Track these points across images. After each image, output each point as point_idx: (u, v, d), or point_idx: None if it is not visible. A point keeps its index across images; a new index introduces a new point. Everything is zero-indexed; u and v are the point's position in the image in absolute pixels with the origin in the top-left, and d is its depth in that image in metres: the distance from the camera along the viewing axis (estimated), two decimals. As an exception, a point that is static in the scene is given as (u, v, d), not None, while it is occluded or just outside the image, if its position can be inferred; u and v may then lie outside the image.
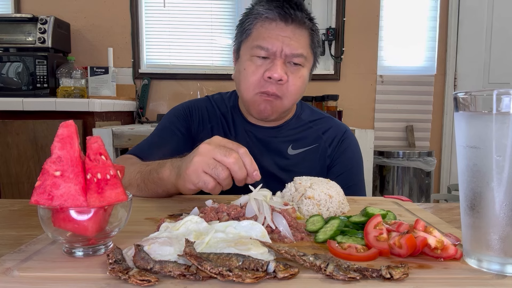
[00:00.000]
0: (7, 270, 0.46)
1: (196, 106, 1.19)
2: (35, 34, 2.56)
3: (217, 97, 1.23)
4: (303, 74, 1.04)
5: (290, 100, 1.04)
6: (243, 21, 1.07)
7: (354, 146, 1.19)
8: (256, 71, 1.01)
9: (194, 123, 1.17)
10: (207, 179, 0.70)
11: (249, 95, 1.04)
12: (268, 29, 1.01)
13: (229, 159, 0.69)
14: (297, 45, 1.00)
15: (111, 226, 0.52)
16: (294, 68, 1.02)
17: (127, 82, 3.01)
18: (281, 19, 1.00)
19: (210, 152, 0.70)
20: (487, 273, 0.47)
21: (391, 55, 3.08)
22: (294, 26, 1.00)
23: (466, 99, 0.48)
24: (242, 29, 1.07)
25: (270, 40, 0.99)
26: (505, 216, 0.45)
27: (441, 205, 0.93)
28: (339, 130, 1.18)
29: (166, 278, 0.44)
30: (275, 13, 1.00)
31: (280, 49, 0.99)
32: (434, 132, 3.15)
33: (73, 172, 0.49)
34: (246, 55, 1.04)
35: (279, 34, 1.00)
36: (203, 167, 0.70)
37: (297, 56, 1.00)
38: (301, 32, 1.02)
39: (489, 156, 0.45)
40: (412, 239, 0.50)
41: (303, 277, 0.45)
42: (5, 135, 2.21)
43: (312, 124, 1.18)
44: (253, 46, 1.02)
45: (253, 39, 1.03)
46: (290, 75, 1.01)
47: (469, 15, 3.04)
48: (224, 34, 3.05)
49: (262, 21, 1.02)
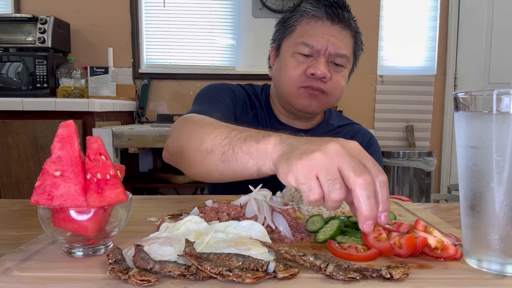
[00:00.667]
0: (7, 270, 0.46)
1: (236, 89, 1.14)
2: (35, 34, 2.56)
3: (250, 88, 1.17)
4: (344, 74, 1.04)
5: (335, 97, 1.04)
6: (287, 18, 1.06)
7: (378, 153, 1.20)
8: (298, 66, 1.00)
9: (239, 106, 1.11)
10: (314, 188, 0.50)
11: (291, 89, 1.02)
12: (314, 27, 1.00)
13: (358, 178, 0.49)
14: (342, 45, 1.00)
15: (111, 226, 0.52)
16: (337, 68, 1.02)
17: (127, 82, 3.01)
18: (328, 18, 0.99)
19: (339, 157, 0.51)
20: (487, 273, 0.47)
21: (391, 55, 3.08)
22: (340, 26, 1.00)
23: (466, 99, 0.48)
24: (286, 26, 1.06)
25: (316, 37, 0.99)
26: (505, 216, 0.45)
27: (441, 205, 0.93)
28: (365, 136, 1.19)
29: (166, 278, 0.44)
30: (323, 11, 0.99)
31: (325, 47, 0.98)
32: (434, 132, 3.15)
33: (73, 172, 0.49)
34: (289, 51, 1.03)
35: (324, 33, 0.99)
36: (319, 170, 0.50)
37: (340, 56, 1.00)
38: (346, 33, 1.01)
39: (489, 156, 0.45)
40: (412, 239, 0.50)
41: (303, 277, 0.45)
42: (5, 135, 2.21)
43: (340, 129, 1.18)
44: (297, 43, 1.01)
45: (297, 36, 1.02)
46: (333, 73, 1.01)
47: (469, 15, 3.04)
48: (224, 34, 3.05)
49: (308, 19, 1.01)
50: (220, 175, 0.69)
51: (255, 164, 0.62)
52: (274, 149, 0.59)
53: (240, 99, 1.12)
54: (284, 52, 1.05)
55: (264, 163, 0.61)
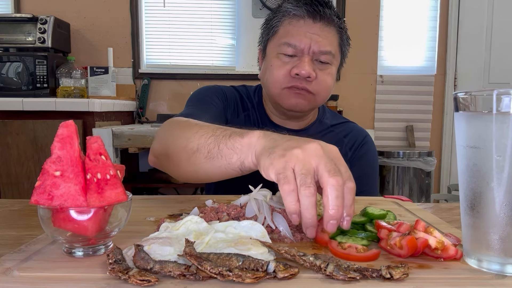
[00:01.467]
0: (7, 270, 0.46)
1: (228, 91, 1.15)
2: (35, 34, 2.56)
3: (243, 89, 1.19)
4: (331, 71, 1.03)
5: (322, 96, 1.03)
6: (270, 19, 1.06)
7: (373, 151, 1.19)
8: (283, 67, 1.00)
9: (230, 107, 1.12)
10: (290, 178, 0.53)
11: (276, 90, 1.02)
12: (296, 26, 1.00)
13: (331, 179, 0.52)
14: (326, 42, 0.99)
15: (111, 226, 0.52)
16: (322, 66, 1.01)
17: (127, 82, 3.01)
18: (309, 16, 0.99)
19: (317, 157, 0.54)
20: (487, 273, 0.47)
21: (391, 55, 3.08)
22: (322, 23, 0.99)
23: (466, 99, 0.48)
24: (269, 27, 1.06)
25: (298, 37, 0.98)
26: (505, 216, 0.45)
27: (441, 205, 0.93)
28: (359, 135, 1.18)
29: (166, 278, 0.44)
30: (304, 10, 0.99)
31: (308, 46, 0.98)
32: (434, 132, 3.15)
33: (73, 172, 0.49)
34: (273, 52, 1.03)
35: (307, 31, 0.98)
36: (296, 163, 0.54)
37: (325, 53, 0.99)
38: (329, 29, 1.00)
39: (489, 156, 0.45)
40: (413, 241, 0.50)
41: (303, 277, 0.45)
42: (5, 135, 2.21)
43: (333, 128, 1.17)
44: (280, 44, 1.01)
45: (280, 37, 1.02)
46: (319, 72, 1.00)
47: (469, 15, 3.04)
48: (224, 34, 3.05)
49: (290, 19, 1.01)
50: (206, 173, 0.71)
51: (238, 159, 0.65)
52: (257, 142, 0.62)
53: (232, 101, 1.13)
54: (269, 53, 1.05)
55: (247, 156, 0.63)
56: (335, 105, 2.74)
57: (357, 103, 3.06)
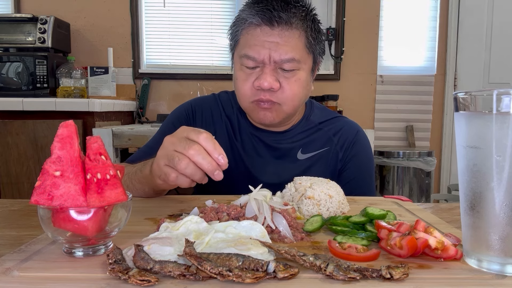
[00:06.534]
0: (7, 270, 0.46)
1: (199, 106, 1.14)
2: (35, 34, 2.56)
3: (224, 96, 1.17)
4: (299, 77, 0.97)
5: (290, 106, 0.99)
6: (231, 27, 1.02)
7: (365, 149, 1.14)
8: (247, 80, 0.97)
9: (197, 125, 1.11)
10: (168, 171, 0.69)
11: (244, 103, 1.01)
12: (254, 35, 0.94)
13: (189, 151, 0.66)
14: (287, 48, 0.93)
15: (111, 226, 0.52)
16: (287, 74, 0.95)
17: (127, 82, 3.01)
18: (265, 24, 0.93)
19: (172, 145, 0.69)
20: (487, 273, 0.47)
21: (391, 55, 3.08)
22: (281, 29, 0.93)
23: (466, 99, 0.48)
24: (232, 36, 1.02)
25: (256, 48, 0.93)
26: (505, 216, 0.45)
27: (441, 205, 0.93)
28: (350, 133, 1.12)
29: (166, 278, 0.44)
30: (258, 17, 0.93)
31: (267, 56, 0.93)
32: (434, 132, 3.15)
33: (73, 172, 0.49)
34: (237, 63, 1.00)
35: (265, 40, 0.93)
36: (163, 160, 0.70)
37: (287, 61, 0.93)
38: (290, 33, 0.93)
39: (489, 156, 0.45)
40: (413, 241, 0.50)
41: (303, 277, 0.45)
42: (5, 135, 2.21)
43: (322, 126, 1.12)
44: (241, 56, 0.97)
45: (241, 48, 0.98)
46: (284, 80, 0.95)
47: (469, 15, 3.04)
48: (224, 34, 3.04)
49: (247, 28, 0.96)
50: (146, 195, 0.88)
51: (149, 188, 0.83)
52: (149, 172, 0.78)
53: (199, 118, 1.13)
54: (235, 64, 1.02)
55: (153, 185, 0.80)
56: (335, 105, 2.73)
57: (357, 103, 3.06)
